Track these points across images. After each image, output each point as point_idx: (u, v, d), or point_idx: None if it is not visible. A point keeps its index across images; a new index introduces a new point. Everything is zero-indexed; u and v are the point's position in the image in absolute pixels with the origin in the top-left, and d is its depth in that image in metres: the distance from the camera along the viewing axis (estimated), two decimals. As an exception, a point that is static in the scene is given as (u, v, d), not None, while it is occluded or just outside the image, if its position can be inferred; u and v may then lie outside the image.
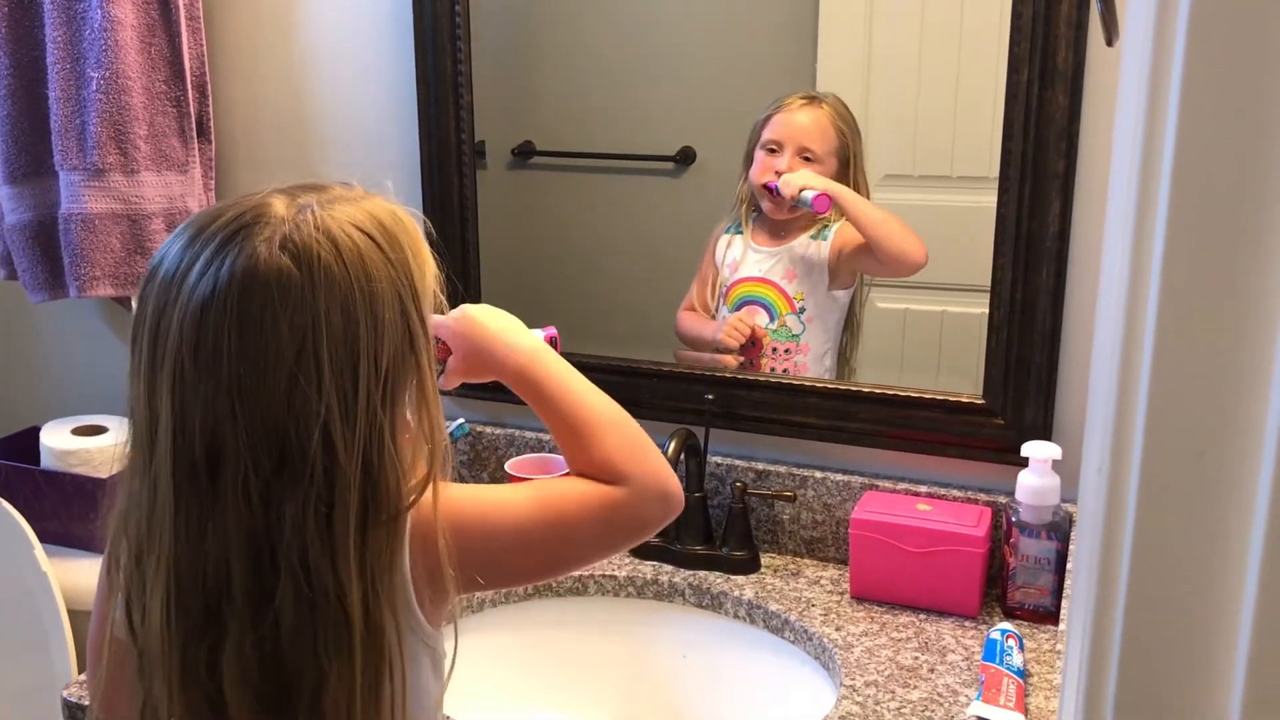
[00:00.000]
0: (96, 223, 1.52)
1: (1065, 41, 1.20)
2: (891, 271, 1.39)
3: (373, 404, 0.73)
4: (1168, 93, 0.43)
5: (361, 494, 0.74)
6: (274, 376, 0.71)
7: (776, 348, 1.46)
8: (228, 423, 0.71)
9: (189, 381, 0.71)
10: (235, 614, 0.74)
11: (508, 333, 0.94)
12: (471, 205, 1.53)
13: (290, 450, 0.72)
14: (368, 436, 0.73)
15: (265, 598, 0.73)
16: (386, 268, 0.75)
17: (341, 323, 0.72)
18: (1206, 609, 0.45)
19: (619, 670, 1.35)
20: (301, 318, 0.71)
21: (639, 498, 0.87)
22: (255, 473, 0.72)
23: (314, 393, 0.71)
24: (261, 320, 0.71)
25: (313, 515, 0.72)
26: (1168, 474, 0.44)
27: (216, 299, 0.71)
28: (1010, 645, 1.16)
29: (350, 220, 0.75)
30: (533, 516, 0.84)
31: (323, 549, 0.73)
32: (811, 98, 1.42)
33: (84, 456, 1.60)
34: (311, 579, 0.73)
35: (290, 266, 0.71)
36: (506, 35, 1.55)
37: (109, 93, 1.49)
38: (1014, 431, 1.30)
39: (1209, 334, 0.43)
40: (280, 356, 0.71)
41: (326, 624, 0.73)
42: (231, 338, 0.71)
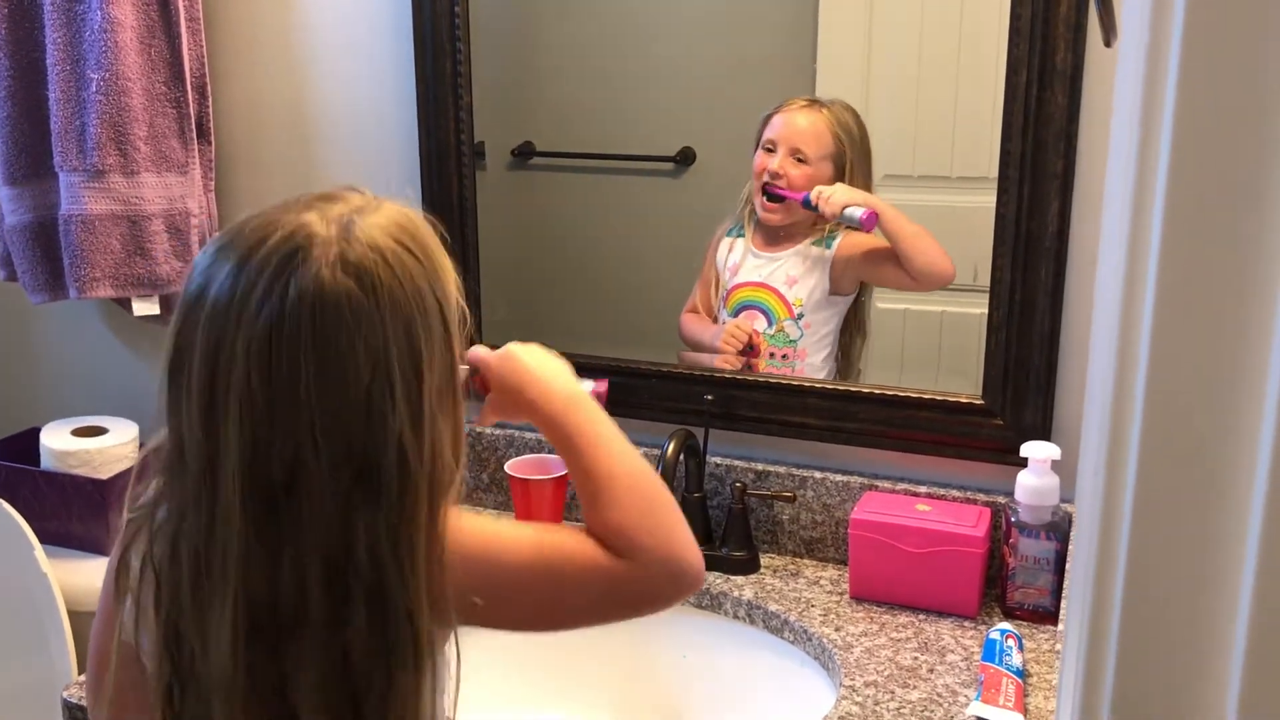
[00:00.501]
0: (96, 224, 1.52)
1: (1064, 42, 1.20)
2: (921, 285, 1.38)
3: (434, 414, 0.75)
4: (1163, 94, 0.44)
5: (430, 504, 0.75)
6: (353, 397, 0.72)
7: (774, 353, 1.46)
8: (308, 446, 0.72)
9: (262, 410, 0.72)
10: (313, 635, 0.74)
11: (548, 376, 0.92)
12: (471, 206, 1.53)
13: (366, 468, 0.73)
14: (433, 445, 0.75)
15: (339, 617, 0.74)
16: (425, 276, 0.76)
17: (406, 337, 0.74)
18: (1203, 610, 0.45)
19: (618, 670, 1.35)
20: (374, 337, 0.72)
21: (644, 575, 0.84)
22: (334, 496, 0.73)
23: (388, 408, 0.73)
24: (337, 343, 0.72)
25: (385, 531, 0.73)
26: (1164, 475, 0.44)
27: (287, 325, 0.71)
28: (1009, 645, 1.16)
29: (387, 232, 0.76)
30: (534, 563, 0.82)
31: (396, 565, 0.74)
32: (814, 101, 1.42)
33: (84, 458, 1.60)
34: (386, 595, 0.74)
35: (355, 288, 0.72)
36: (506, 36, 1.55)
37: (109, 94, 1.49)
38: (1013, 432, 1.30)
39: (1205, 336, 0.43)
40: (358, 377, 0.72)
41: (395, 635, 0.75)
42: (307, 362, 0.71)
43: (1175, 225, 0.44)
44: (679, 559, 0.85)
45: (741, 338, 1.46)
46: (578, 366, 1.52)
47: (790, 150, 1.41)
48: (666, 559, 0.84)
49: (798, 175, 1.41)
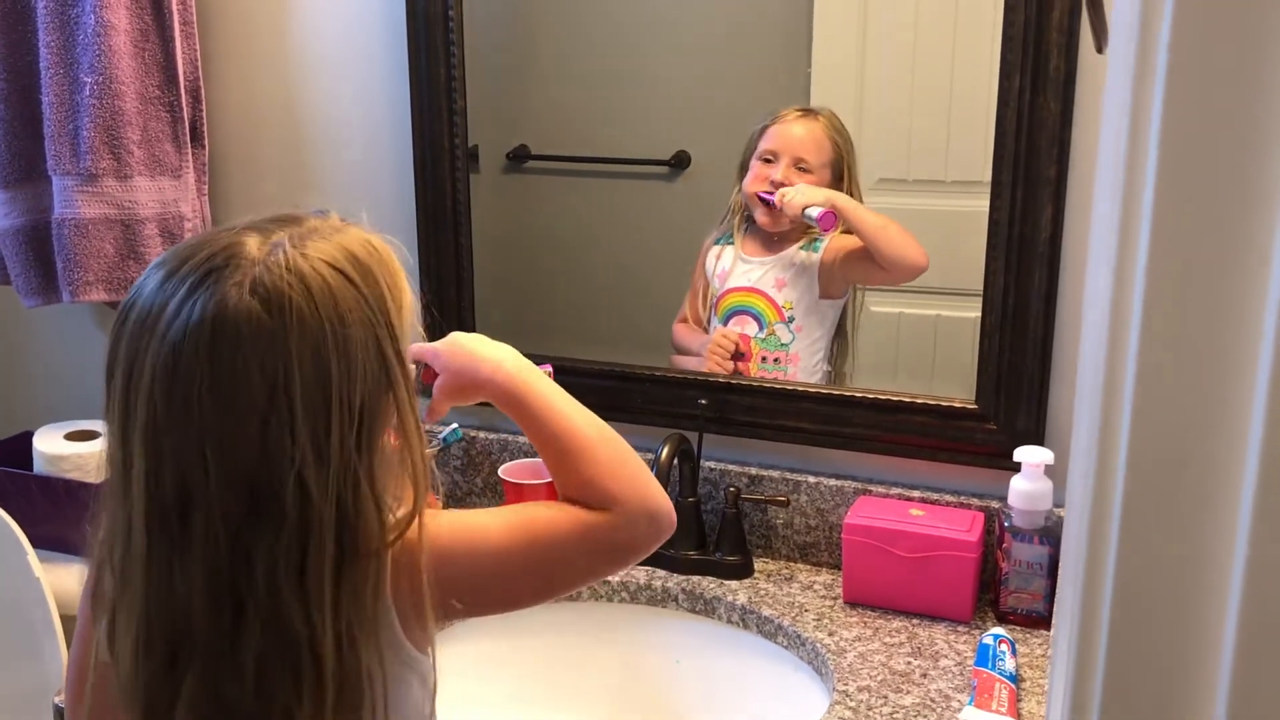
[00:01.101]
0: (90, 228, 1.52)
1: (1057, 48, 1.20)
2: (894, 277, 1.39)
3: (347, 448, 0.72)
4: (1151, 100, 0.44)
5: (337, 538, 0.73)
6: (246, 422, 0.70)
7: (765, 356, 1.46)
8: (199, 469, 0.71)
9: (161, 427, 0.71)
10: (197, 658, 0.73)
11: (497, 353, 0.94)
12: (464, 209, 1.53)
13: (262, 495, 0.71)
14: (341, 480, 0.72)
15: (230, 643, 0.73)
16: (361, 306, 0.73)
17: (313, 366, 0.71)
18: (1191, 617, 0.45)
19: (612, 675, 1.35)
20: (272, 362, 0.70)
21: (626, 521, 0.86)
22: (225, 518, 0.71)
23: (286, 438, 0.70)
24: (233, 365, 0.70)
25: (284, 560, 0.72)
26: (1152, 484, 0.44)
27: (188, 344, 0.70)
28: (1003, 650, 1.16)
29: (323, 257, 0.73)
30: (514, 544, 0.83)
31: (294, 593, 0.72)
32: (807, 110, 1.42)
33: (77, 461, 1.59)
34: (283, 624, 0.72)
35: (259, 310, 0.70)
36: (501, 40, 1.55)
37: (102, 98, 1.49)
38: (1006, 436, 1.31)
39: (1193, 342, 0.43)
40: (252, 401, 0.70)
41: (298, 668, 0.73)
42: (203, 383, 0.70)
43: (1163, 231, 0.44)
44: (654, 500, 0.88)
45: (728, 346, 1.47)
46: (572, 369, 1.52)
47: (793, 160, 1.41)
48: (644, 502, 0.87)
49: (804, 183, 1.41)
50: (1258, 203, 0.42)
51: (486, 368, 0.92)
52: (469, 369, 0.93)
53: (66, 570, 1.54)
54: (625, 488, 0.87)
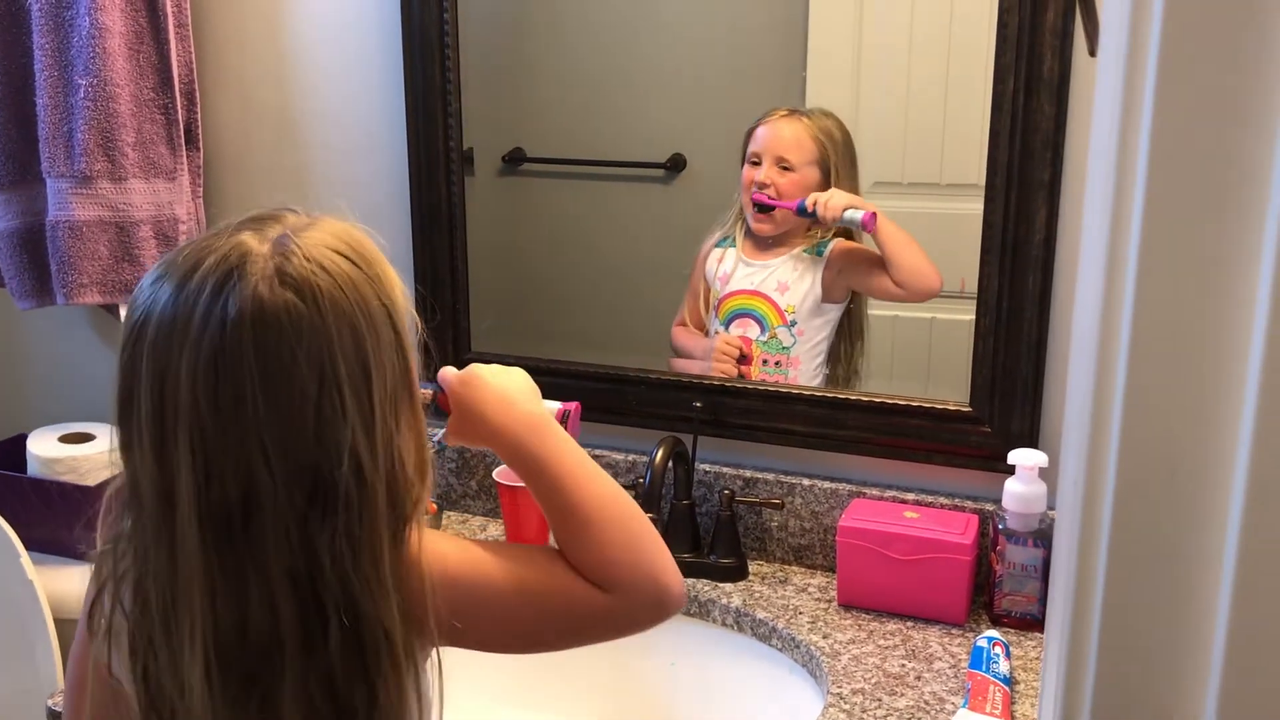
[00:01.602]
0: (84, 230, 1.52)
1: (1050, 51, 1.21)
2: (905, 295, 1.38)
3: (388, 421, 0.74)
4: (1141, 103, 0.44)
5: (390, 512, 0.75)
6: (301, 411, 0.71)
7: (766, 359, 1.46)
8: (261, 467, 0.71)
9: (211, 434, 0.71)
10: (289, 657, 0.73)
11: (509, 400, 0.88)
12: (460, 212, 1.53)
13: (322, 481, 0.72)
14: (389, 454, 0.74)
15: (315, 635, 0.73)
16: (370, 286, 0.75)
17: (353, 345, 0.73)
18: (1181, 621, 0.45)
19: (606, 677, 1.35)
20: (317, 348, 0.71)
21: (627, 607, 0.83)
22: (292, 511, 0.72)
23: (340, 420, 0.72)
24: (280, 357, 0.71)
25: (346, 542, 0.73)
26: (1142, 486, 0.45)
27: (229, 344, 0.70)
28: (997, 653, 1.16)
29: (326, 245, 0.75)
30: (512, 593, 0.82)
31: (360, 575, 0.73)
32: (794, 111, 1.42)
33: (71, 464, 1.59)
34: (356, 606, 0.73)
35: (295, 300, 0.71)
36: (496, 42, 1.55)
37: (97, 100, 1.49)
38: (1000, 439, 1.31)
39: (1183, 352, 0.43)
40: (304, 390, 0.71)
41: (373, 647, 0.74)
42: (252, 381, 0.70)
43: (1153, 236, 0.44)
44: (663, 588, 0.84)
45: (733, 352, 1.47)
46: (566, 372, 1.52)
47: (775, 160, 1.42)
48: (650, 590, 0.83)
49: (785, 183, 1.42)
50: (1247, 206, 0.42)
51: (494, 421, 0.87)
52: (478, 417, 0.88)
53: (60, 573, 1.54)
54: (635, 574, 0.82)
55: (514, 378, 0.91)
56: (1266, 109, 0.42)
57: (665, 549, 0.86)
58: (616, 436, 1.50)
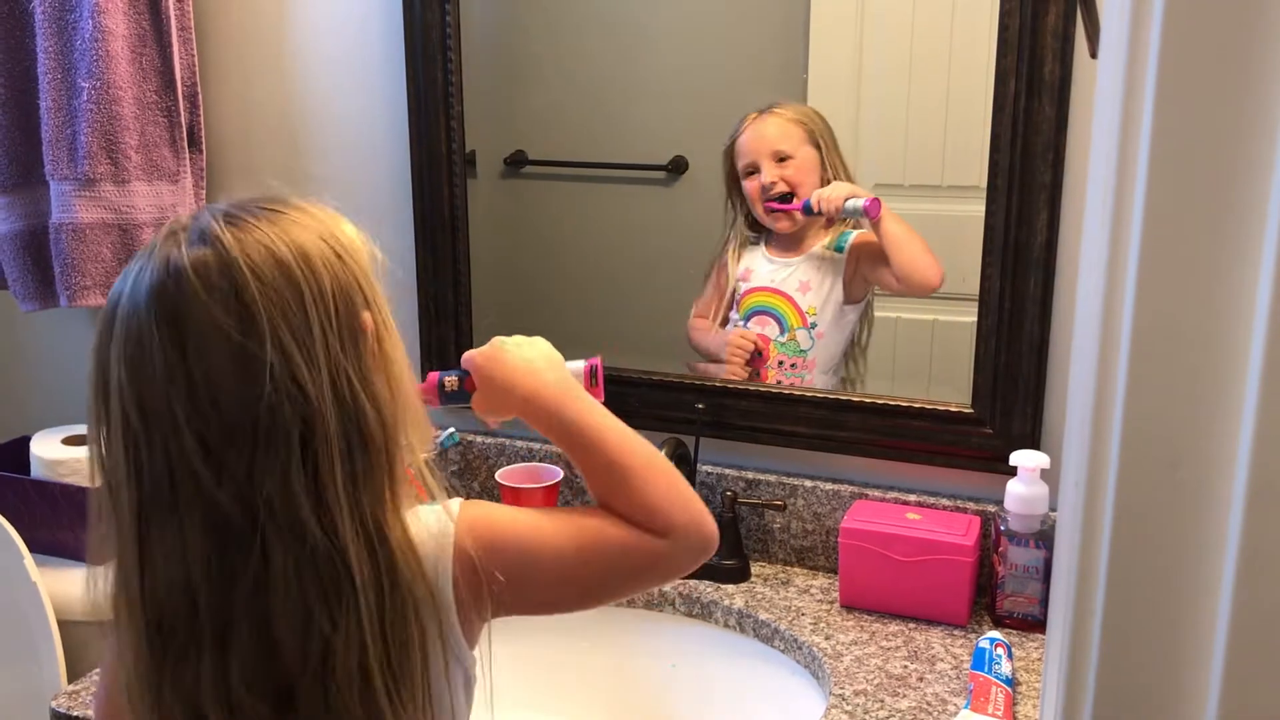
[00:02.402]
0: (87, 232, 1.52)
1: (1052, 53, 1.21)
2: (905, 287, 1.38)
3: (331, 345, 0.73)
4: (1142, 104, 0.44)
5: (343, 435, 0.73)
6: (221, 350, 0.71)
7: (783, 361, 1.46)
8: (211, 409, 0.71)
9: (142, 397, 0.72)
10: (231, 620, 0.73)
11: (535, 368, 0.90)
12: (462, 215, 1.53)
13: (265, 419, 0.71)
14: (333, 374, 0.72)
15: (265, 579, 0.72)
16: (303, 231, 0.75)
17: (273, 270, 0.72)
18: (1183, 615, 0.45)
19: (608, 679, 1.35)
20: (225, 280, 0.71)
21: (681, 549, 0.85)
22: (242, 452, 0.71)
23: (269, 347, 0.71)
24: (191, 307, 0.71)
25: (297, 472, 0.71)
26: (1143, 487, 0.45)
27: (144, 309, 0.72)
28: (999, 654, 1.16)
29: (254, 202, 0.76)
30: (572, 552, 0.83)
31: (309, 501, 0.72)
32: (766, 107, 1.43)
33: (74, 466, 1.59)
34: (302, 534, 0.72)
35: (205, 251, 0.72)
36: (498, 45, 1.56)
37: (100, 103, 1.49)
38: (1002, 440, 1.31)
39: (1184, 349, 0.44)
40: (220, 329, 0.71)
41: (334, 584, 0.72)
42: (163, 334, 0.71)
43: (1154, 235, 0.44)
44: (708, 528, 0.86)
45: (746, 348, 1.46)
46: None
47: (771, 156, 1.42)
48: (697, 530, 0.85)
49: (791, 173, 1.42)
50: (1248, 206, 0.42)
51: (523, 390, 0.89)
52: (506, 389, 0.89)
53: (63, 575, 1.54)
54: (683, 516, 0.85)
55: (538, 346, 0.92)
56: (1267, 109, 0.42)
57: (698, 496, 0.88)
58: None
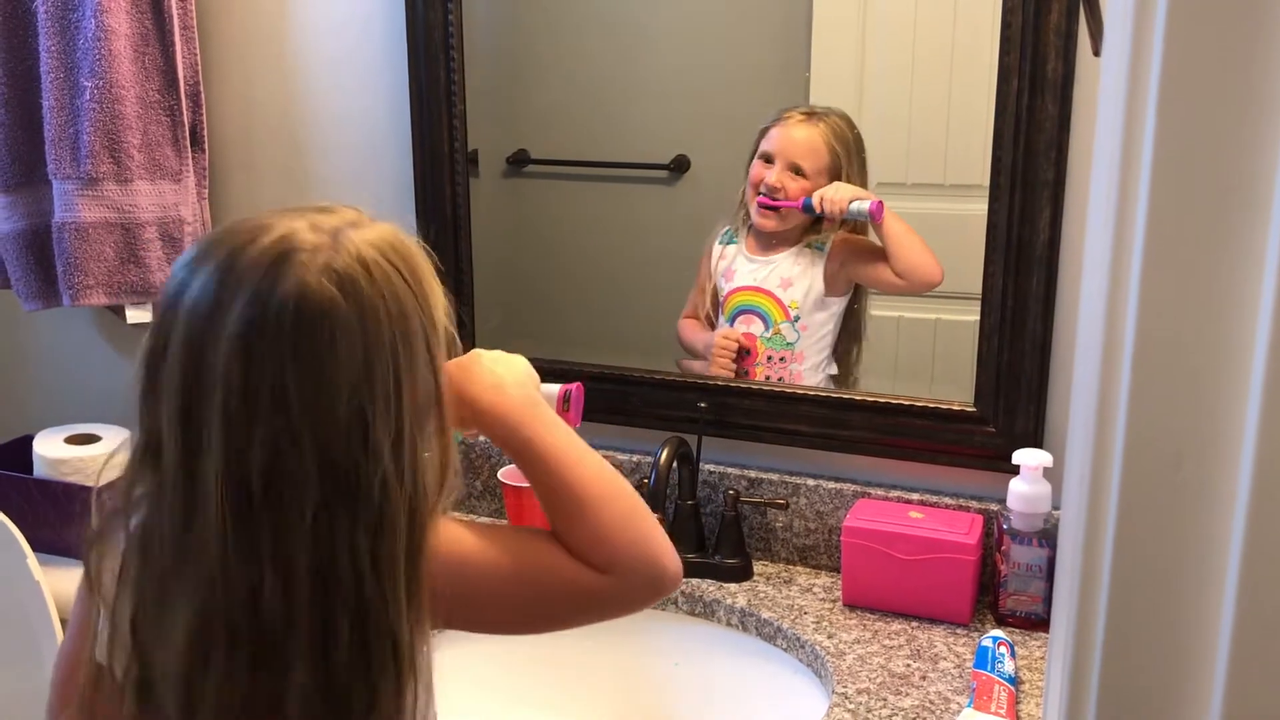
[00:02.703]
0: (90, 232, 1.52)
1: (1054, 51, 1.21)
2: (906, 286, 1.38)
3: (414, 435, 0.74)
4: (1145, 102, 0.44)
5: (410, 520, 0.75)
6: (333, 406, 0.71)
7: (771, 355, 1.46)
8: (288, 453, 0.71)
9: (240, 412, 0.71)
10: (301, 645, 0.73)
11: (501, 383, 0.88)
12: (464, 214, 1.53)
13: (345, 479, 0.72)
14: (413, 466, 0.75)
15: (324, 630, 0.73)
16: (410, 296, 0.75)
17: (390, 351, 0.73)
18: (1187, 614, 0.45)
19: (611, 678, 1.35)
20: (355, 348, 0.72)
21: (625, 588, 0.84)
22: (313, 502, 0.72)
23: (370, 423, 0.72)
24: (318, 351, 0.71)
25: (366, 544, 0.73)
26: (1147, 481, 0.45)
27: (270, 329, 0.71)
28: (1002, 652, 1.16)
29: (375, 247, 0.75)
30: (512, 577, 0.83)
31: (376, 580, 0.73)
32: (811, 113, 1.42)
33: (77, 465, 1.59)
34: (367, 609, 0.73)
35: (338, 295, 0.71)
36: (500, 44, 1.56)
37: (102, 102, 1.49)
38: (1005, 439, 1.31)
39: (1187, 343, 0.43)
40: (337, 387, 0.71)
41: (379, 654, 0.74)
42: (288, 368, 0.70)
43: (1157, 232, 0.44)
44: (659, 567, 0.85)
45: (730, 347, 1.47)
46: (572, 373, 1.52)
47: (788, 164, 1.42)
48: (647, 570, 0.84)
49: (795, 189, 1.42)
50: (1251, 203, 0.42)
51: (484, 397, 0.87)
52: (470, 400, 0.88)
53: (66, 573, 1.53)
54: (629, 553, 0.83)
55: (513, 363, 0.92)
56: (1270, 107, 0.42)
57: (659, 528, 0.86)
58: (621, 437, 1.50)
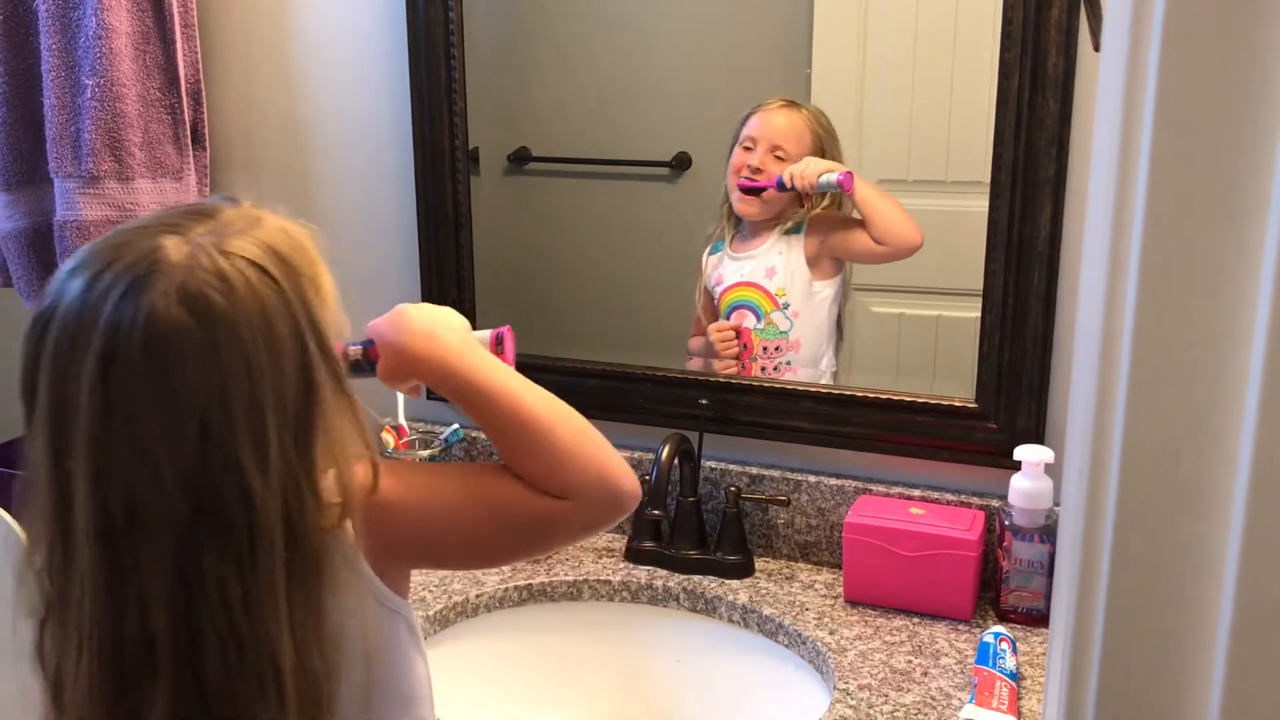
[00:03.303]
0: (92, 230, 1.52)
1: (1055, 47, 1.21)
2: (888, 252, 1.38)
3: (285, 450, 0.71)
4: (1143, 98, 0.44)
5: (286, 542, 0.71)
6: (185, 432, 0.69)
7: (766, 346, 1.47)
8: (145, 481, 0.69)
9: (100, 439, 0.69)
10: (162, 673, 0.72)
11: (433, 331, 0.87)
12: (465, 211, 1.54)
13: (207, 505, 0.70)
14: (284, 483, 0.71)
15: (190, 655, 0.72)
16: (282, 304, 0.72)
17: (246, 373, 0.70)
18: (1185, 609, 0.45)
19: (613, 675, 1.35)
20: (205, 372, 0.69)
21: (585, 510, 0.84)
22: (174, 530, 0.70)
23: (227, 445, 0.69)
24: (166, 378, 0.68)
25: (234, 568, 0.70)
26: (1146, 476, 0.45)
27: (119, 358, 0.69)
28: (1003, 648, 1.16)
29: (244, 255, 0.72)
30: (469, 512, 0.83)
31: (247, 602, 0.71)
32: (791, 102, 1.43)
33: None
34: (237, 633, 0.71)
35: (188, 320, 0.68)
36: (501, 41, 1.56)
37: (103, 100, 1.49)
38: (1006, 435, 1.31)
39: (1186, 339, 0.44)
40: (190, 410, 0.69)
41: (258, 676, 0.72)
42: (140, 395, 0.69)
43: (1156, 227, 0.44)
44: (615, 485, 0.85)
45: (728, 335, 1.48)
46: (573, 370, 1.53)
47: (770, 147, 1.42)
48: (605, 489, 0.84)
49: (777, 171, 1.42)
50: (1250, 197, 0.42)
51: (418, 344, 0.86)
52: (401, 349, 0.86)
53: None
54: (585, 477, 0.83)
55: (441, 312, 0.90)
56: (1269, 103, 0.42)
57: (611, 448, 0.86)
58: (623, 434, 1.50)
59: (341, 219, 1.61)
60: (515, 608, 1.36)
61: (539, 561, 1.41)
